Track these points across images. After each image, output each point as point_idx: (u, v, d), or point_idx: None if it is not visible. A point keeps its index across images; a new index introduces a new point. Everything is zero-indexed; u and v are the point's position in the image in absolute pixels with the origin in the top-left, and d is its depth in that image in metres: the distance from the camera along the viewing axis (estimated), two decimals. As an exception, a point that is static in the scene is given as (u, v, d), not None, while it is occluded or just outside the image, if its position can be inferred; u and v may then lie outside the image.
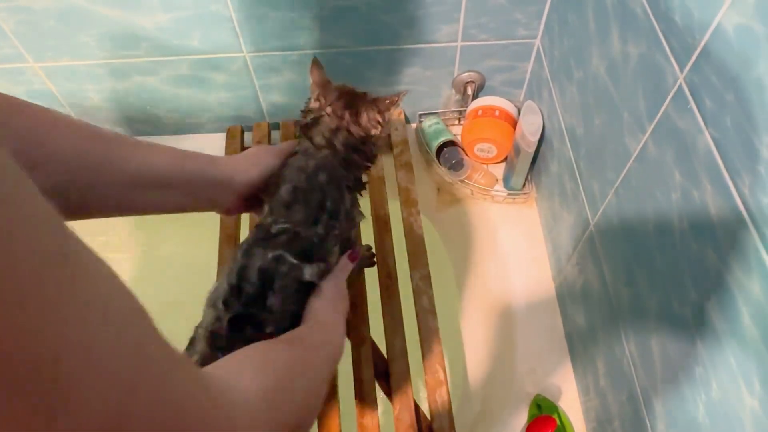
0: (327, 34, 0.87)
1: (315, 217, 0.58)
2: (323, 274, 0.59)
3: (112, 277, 0.22)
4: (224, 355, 0.52)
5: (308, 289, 0.58)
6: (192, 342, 0.56)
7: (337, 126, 0.64)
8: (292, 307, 0.56)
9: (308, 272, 0.57)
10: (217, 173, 0.57)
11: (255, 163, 0.61)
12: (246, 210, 0.65)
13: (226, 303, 0.54)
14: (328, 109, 0.65)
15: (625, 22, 0.57)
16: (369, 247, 0.84)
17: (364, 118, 0.65)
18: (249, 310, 0.54)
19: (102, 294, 0.20)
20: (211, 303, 0.56)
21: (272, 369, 0.40)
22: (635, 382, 0.61)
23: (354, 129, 0.64)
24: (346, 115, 0.64)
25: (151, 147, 0.51)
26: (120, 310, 0.21)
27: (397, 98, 0.66)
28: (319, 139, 0.64)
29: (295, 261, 0.56)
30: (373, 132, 0.66)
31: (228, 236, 0.87)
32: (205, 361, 0.54)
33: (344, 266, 0.63)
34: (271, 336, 0.53)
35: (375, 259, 0.83)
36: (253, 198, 0.61)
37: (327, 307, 0.57)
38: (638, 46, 0.55)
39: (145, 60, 0.91)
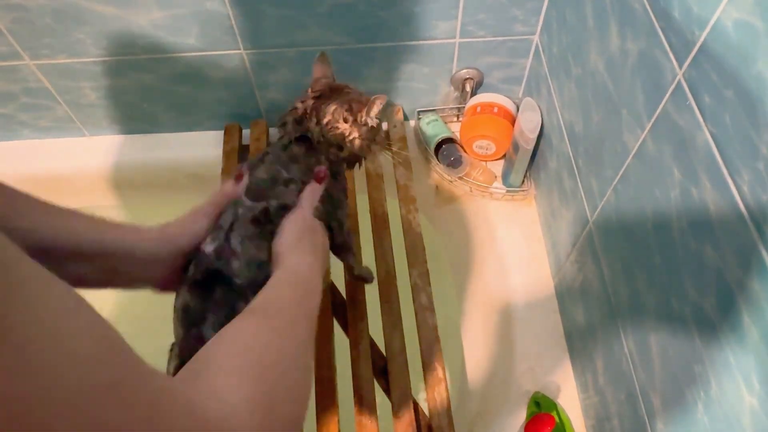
0: (325, 31, 0.86)
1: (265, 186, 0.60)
2: (280, 211, 0.57)
3: (76, 311, 0.21)
4: (199, 330, 0.50)
5: (271, 233, 0.55)
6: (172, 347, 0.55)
7: (292, 108, 0.66)
8: (256, 253, 0.54)
9: (259, 207, 0.57)
10: (141, 245, 0.50)
11: (185, 230, 0.54)
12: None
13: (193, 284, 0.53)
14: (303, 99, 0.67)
15: (624, 18, 0.57)
16: (368, 270, 0.83)
17: (330, 109, 0.65)
18: (214, 267, 0.53)
19: (64, 335, 0.20)
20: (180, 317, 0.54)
21: (263, 371, 0.36)
22: (634, 380, 0.61)
23: (312, 115, 0.65)
24: (310, 102, 0.65)
25: (65, 213, 0.46)
26: (87, 348, 0.21)
27: (368, 100, 0.65)
28: (281, 125, 0.67)
29: (249, 202, 0.57)
30: (339, 126, 0.65)
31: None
32: (181, 345, 0.52)
33: (309, 194, 0.59)
34: (242, 291, 0.52)
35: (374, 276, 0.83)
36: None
37: (292, 249, 0.52)
38: (637, 43, 0.54)
39: (142, 57, 0.90)
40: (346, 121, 0.65)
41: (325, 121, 0.64)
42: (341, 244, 0.71)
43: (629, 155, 0.58)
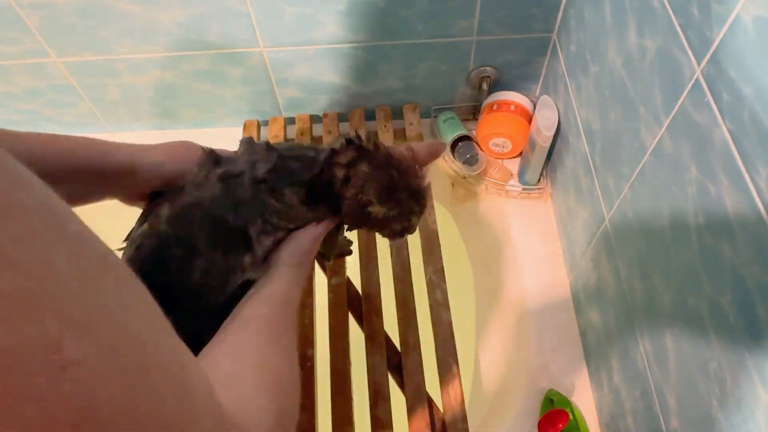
0: (343, 28, 0.87)
1: None
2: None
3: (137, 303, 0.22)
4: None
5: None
6: None
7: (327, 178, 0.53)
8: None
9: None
10: (117, 161, 0.51)
11: (174, 159, 0.53)
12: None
13: None
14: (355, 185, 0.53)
15: (642, 16, 0.57)
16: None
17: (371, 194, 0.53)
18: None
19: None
20: None
21: (279, 385, 0.40)
22: (649, 377, 0.61)
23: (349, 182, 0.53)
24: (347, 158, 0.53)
25: (46, 138, 0.48)
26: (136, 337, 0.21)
27: (421, 186, 0.56)
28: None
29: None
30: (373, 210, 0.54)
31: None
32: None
33: (326, 225, 0.57)
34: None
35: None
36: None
37: (297, 262, 0.54)
38: (655, 40, 0.54)
39: (164, 55, 0.92)
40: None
41: (362, 199, 0.53)
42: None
43: (646, 153, 0.58)
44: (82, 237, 0.20)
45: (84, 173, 0.49)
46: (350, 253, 0.82)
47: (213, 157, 0.54)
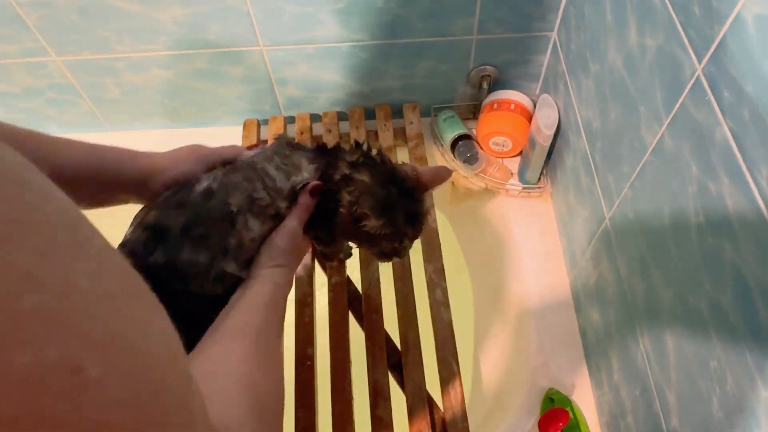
0: (343, 27, 0.87)
1: None
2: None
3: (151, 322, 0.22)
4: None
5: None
6: None
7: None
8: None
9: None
10: (133, 171, 0.54)
11: (177, 163, 0.55)
12: None
13: None
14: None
15: (643, 14, 0.57)
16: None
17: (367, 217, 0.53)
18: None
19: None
20: None
21: (261, 405, 0.40)
22: (649, 376, 0.61)
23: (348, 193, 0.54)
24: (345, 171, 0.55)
25: (66, 142, 0.50)
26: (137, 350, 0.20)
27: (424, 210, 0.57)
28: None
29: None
30: (368, 224, 0.54)
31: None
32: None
33: (305, 210, 0.55)
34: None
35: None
36: None
37: (277, 261, 0.53)
38: (656, 39, 0.54)
39: (164, 54, 0.92)
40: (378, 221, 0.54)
41: (358, 212, 0.54)
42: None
43: (647, 152, 0.58)
44: (105, 254, 0.20)
45: (99, 183, 0.51)
46: (350, 255, 0.82)
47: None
